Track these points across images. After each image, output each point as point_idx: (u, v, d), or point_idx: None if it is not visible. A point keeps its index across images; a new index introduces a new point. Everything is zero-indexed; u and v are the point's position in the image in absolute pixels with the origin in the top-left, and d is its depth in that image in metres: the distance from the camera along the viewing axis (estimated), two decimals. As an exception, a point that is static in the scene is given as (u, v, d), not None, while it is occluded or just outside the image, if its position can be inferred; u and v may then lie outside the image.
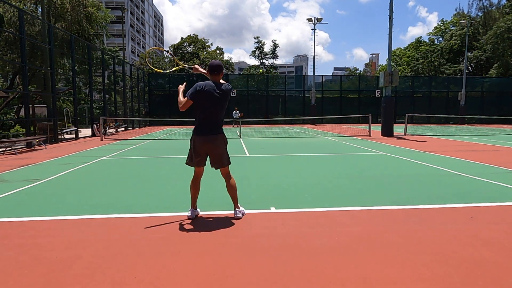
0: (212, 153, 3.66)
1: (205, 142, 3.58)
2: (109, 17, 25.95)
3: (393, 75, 15.65)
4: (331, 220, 3.72)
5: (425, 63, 46.97)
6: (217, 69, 3.67)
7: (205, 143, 3.58)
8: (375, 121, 29.75)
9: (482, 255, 2.82)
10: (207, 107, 3.55)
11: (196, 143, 3.59)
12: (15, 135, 16.91)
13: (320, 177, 6.04)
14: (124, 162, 8.13)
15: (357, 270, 2.57)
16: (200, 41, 41.83)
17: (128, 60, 50.68)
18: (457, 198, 4.62)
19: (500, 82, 34.70)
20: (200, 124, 3.60)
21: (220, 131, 3.67)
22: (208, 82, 3.60)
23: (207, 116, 3.58)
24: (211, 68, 3.67)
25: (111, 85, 22.11)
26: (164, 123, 29.51)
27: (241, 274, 2.51)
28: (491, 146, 11.09)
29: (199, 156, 3.62)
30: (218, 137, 3.63)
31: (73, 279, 2.45)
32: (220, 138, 3.65)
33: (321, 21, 30.11)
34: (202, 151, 3.62)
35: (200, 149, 3.60)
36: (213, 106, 3.56)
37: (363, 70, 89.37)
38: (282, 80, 35.23)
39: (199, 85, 3.56)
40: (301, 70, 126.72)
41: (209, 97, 3.54)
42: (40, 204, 4.45)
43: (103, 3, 35.30)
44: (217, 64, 3.70)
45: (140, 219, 3.81)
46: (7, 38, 17.77)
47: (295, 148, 10.86)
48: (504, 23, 35.57)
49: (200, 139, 3.58)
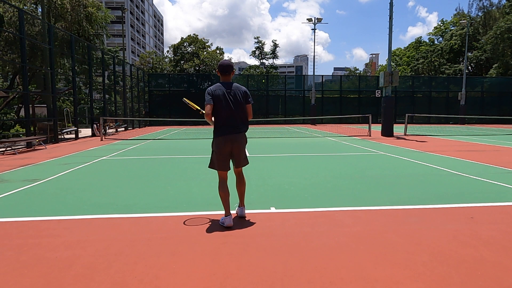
0: (234, 152, 3.66)
1: (227, 142, 3.58)
2: (109, 17, 25.97)
3: (393, 75, 15.65)
4: (331, 220, 3.72)
5: (425, 63, 46.98)
6: (228, 69, 3.69)
7: (227, 142, 3.58)
8: (375, 121, 29.77)
9: (482, 255, 2.82)
10: (223, 108, 3.56)
11: (219, 143, 3.59)
12: (15, 135, 16.91)
13: (320, 177, 6.04)
14: (124, 162, 8.13)
15: (357, 270, 2.57)
16: (200, 41, 41.76)
17: (128, 60, 50.69)
18: (457, 198, 4.62)
19: (500, 82, 34.68)
20: (219, 125, 3.60)
21: (242, 130, 3.66)
22: (218, 84, 3.64)
23: (224, 116, 3.58)
24: (221, 69, 3.69)
25: (111, 85, 22.11)
26: (164, 123, 29.51)
27: (241, 274, 2.51)
28: (491, 146, 11.09)
29: (222, 157, 3.61)
30: (238, 136, 3.63)
31: (73, 279, 2.45)
32: (241, 137, 3.66)
33: (321, 21, 30.10)
34: (225, 151, 3.61)
35: (223, 149, 3.59)
36: (228, 106, 3.58)
37: (363, 70, 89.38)
38: (282, 80, 35.21)
39: (209, 89, 3.61)
40: (301, 70, 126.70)
41: (223, 98, 3.56)
42: (40, 204, 4.45)
43: (103, 3, 35.33)
44: (227, 64, 3.72)
45: (140, 219, 3.81)
46: (7, 38, 17.77)
47: (295, 148, 10.85)
48: (504, 23, 35.56)
49: (222, 139, 3.57)
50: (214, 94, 3.55)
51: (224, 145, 3.57)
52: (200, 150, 10.32)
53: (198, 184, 5.52)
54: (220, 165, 3.62)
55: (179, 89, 32.17)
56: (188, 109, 3.68)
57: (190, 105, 4.02)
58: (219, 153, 3.60)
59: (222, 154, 3.60)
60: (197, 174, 6.45)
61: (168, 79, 32.96)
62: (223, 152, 3.59)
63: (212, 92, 3.56)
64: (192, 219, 3.80)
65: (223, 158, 3.60)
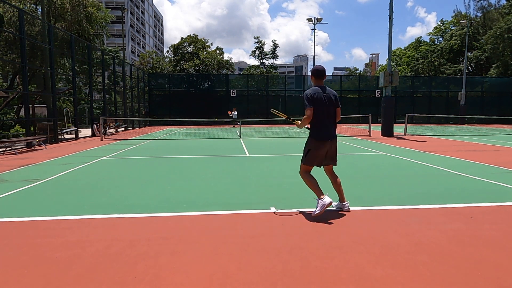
0: (329, 154, 3.95)
1: (325, 146, 3.86)
2: (109, 17, 25.97)
3: (393, 75, 15.65)
4: (331, 220, 3.72)
5: (425, 63, 46.97)
6: (322, 74, 3.90)
7: (325, 146, 3.86)
8: (375, 121, 29.75)
9: (482, 255, 2.82)
10: (321, 112, 3.79)
11: (318, 146, 3.84)
12: (15, 135, 16.91)
13: (320, 177, 6.02)
14: (124, 162, 8.13)
15: (357, 270, 2.57)
16: (200, 41, 41.74)
17: (128, 60, 50.67)
18: (457, 198, 4.62)
19: (500, 82, 34.68)
20: (318, 128, 3.84)
21: (335, 135, 3.95)
22: (315, 88, 3.83)
23: (322, 119, 3.81)
24: (317, 74, 3.88)
25: (111, 85, 22.10)
26: (164, 123, 29.51)
27: (241, 274, 2.51)
28: (491, 146, 11.08)
29: (319, 158, 3.90)
30: (335, 140, 3.95)
31: (73, 279, 2.45)
32: (336, 142, 3.98)
33: (321, 21, 30.16)
34: (322, 153, 3.88)
35: (321, 151, 3.86)
36: (326, 110, 3.81)
37: (363, 70, 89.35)
38: (282, 80, 35.21)
39: (308, 93, 3.79)
40: (301, 70, 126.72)
41: (321, 101, 3.78)
42: (40, 204, 4.45)
43: (103, 3, 35.33)
44: (322, 69, 3.92)
45: (140, 219, 3.81)
46: (7, 38, 17.78)
47: (295, 148, 10.85)
48: (504, 23, 35.56)
49: (321, 143, 3.84)
50: (314, 98, 3.75)
51: (323, 148, 3.85)
52: (200, 150, 10.31)
53: (198, 184, 5.52)
54: (313, 163, 3.93)
55: (179, 89, 32.17)
56: (188, 109, 3.68)
57: (279, 115, 4.38)
58: (317, 154, 3.87)
59: (319, 156, 3.89)
60: (197, 174, 6.45)
61: (168, 79, 32.94)
62: (320, 153, 3.88)
63: (312, 96, 3.76)
64: (192, 219, 3.80)
65: (319, 159, 3.91)
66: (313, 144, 3.86)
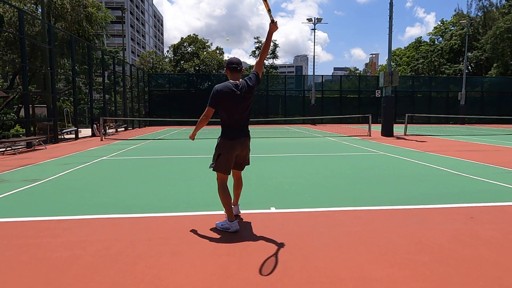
0: (241, 156, 3.51)
1: (236, 146, 3.39)
2: (109, 17, 25.94)
3: (393, 75, 15.64)
4: (331, 220, 3.72)
5: (425, 63, 46.98)
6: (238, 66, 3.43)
7: (236, 146, 3.39)
8: (375, 121, 29.76)
9: (482, 255, 2.82)
10: (230, 110, 3.34)
11: (227, 147, 3.37)
12: (15, 135, 16.90)
13: (320, 177, 6.04)
14: (124, 162, 8.13)
15: (357, 270, 2.57)
16: (200, 41, 41.77)
17: (128, 60, 50.67)
18: (457, 198, 4.62)
19: (500, 82, 34.69)
20: (227, 128, 3.39)
21: (248, 132, 3.50)
22: (224, 84, 3.36)
23: (232, 118, 3.37)
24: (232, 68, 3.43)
25: (111, 85, 22.10)
26: (164, 123, 29.51)
27: (241, 274, 2.51)
28: (491, 146, 11.08)
29: (230, 160, 3.41)
30: (247, 139, 3.48)
31: (73, 279, 2.45)
32: (248, 140, 3.50)
33: (321, 21, 30.11)
34: (233, 155, 3.42)
35: (232, 153, 3.40)
36: (235, 108, 3.33)
37: (363, 70, 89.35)
38: (282, 80, 35.21)
39: (215, 89, 3.35)
40: (301, 70, 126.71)
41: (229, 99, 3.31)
42: (40, 204, 4.45)
43: (103, 3, 35.34)
44: (238, 61, 3.44)
45: (140, 219, 3.81)
46: (7, 38, 17.77)
47: (295, 148, 10.85)
48: (503, 23, 35.56)
49: (231, 143, 3.37)
50: (220, 95, 3.30)
51: (233, 149, 3.38)
52: (200, 150, 10.31)
53: (198, 184, 5.52)
54: (227, 168, 3.43)
55: (179, 89, 32.17)
56: (188, 109, 3.67)
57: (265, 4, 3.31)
58: (228, 157, 3.39)
59: (231, 159, 3.41)
60: (197, 174, 6.45)
61: (168, 79, 32.96)
62: (232, 156, 3.41)
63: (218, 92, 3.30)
64: (192, 219, 3.79)
65: (230, 162, 3.43)
66: (222, 145, 3.38)
